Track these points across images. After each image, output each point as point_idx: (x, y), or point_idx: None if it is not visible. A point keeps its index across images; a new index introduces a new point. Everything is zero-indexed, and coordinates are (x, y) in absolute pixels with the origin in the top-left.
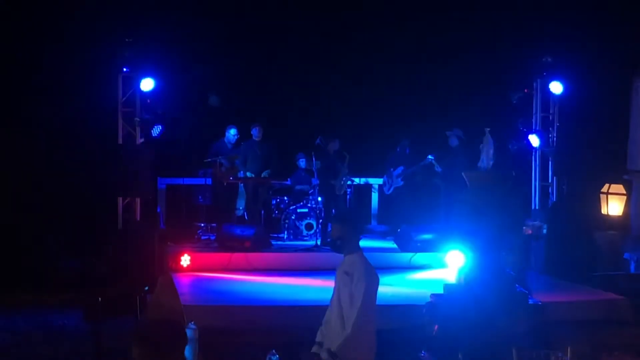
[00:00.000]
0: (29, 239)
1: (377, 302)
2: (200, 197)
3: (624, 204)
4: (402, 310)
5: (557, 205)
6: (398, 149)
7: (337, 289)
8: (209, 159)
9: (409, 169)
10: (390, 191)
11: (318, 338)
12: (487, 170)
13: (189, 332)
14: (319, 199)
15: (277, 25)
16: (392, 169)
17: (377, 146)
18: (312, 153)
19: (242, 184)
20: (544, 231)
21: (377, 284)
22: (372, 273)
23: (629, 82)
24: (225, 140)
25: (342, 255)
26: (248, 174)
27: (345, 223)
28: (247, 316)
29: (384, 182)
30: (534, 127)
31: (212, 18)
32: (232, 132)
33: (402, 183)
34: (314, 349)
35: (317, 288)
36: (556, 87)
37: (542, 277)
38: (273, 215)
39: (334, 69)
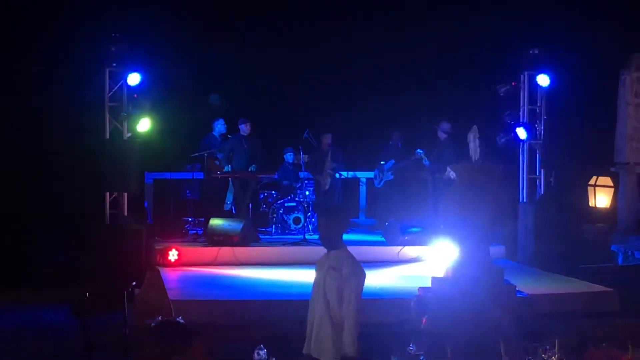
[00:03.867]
0: (15, 235)
1: (366, 296)
2: (187, 192)
3: (611, 197)
4: (390, 303)
5: (545, 198)
6: (391, 142)
7: (320, 283)
8: (197, 153)
9: (400, 162)
10: (380, 185)
11: (305, 350)
12: (474, 164)
13: None
14: (307, 192)
15: (265, 19)
16: (383, 163)
17: (365, 140)
18: (300, 147)
19: (230, 178)
20: None
21: (364, 278)
22: (360, 268)
23: (616, 74)
24: (215, 133)
25: (327, 249)
26: (227, 168)
27: (336, 219)
28: (235, 310)
29: (375, 176)
30: (521, 120)
31: (199, 13)
32: (220, 124)
33: (392, 177)
34: None
35: (304, 282)
36: (543, 80)
37: (530, 269)
38: (261, 209)
39: (322, 62)
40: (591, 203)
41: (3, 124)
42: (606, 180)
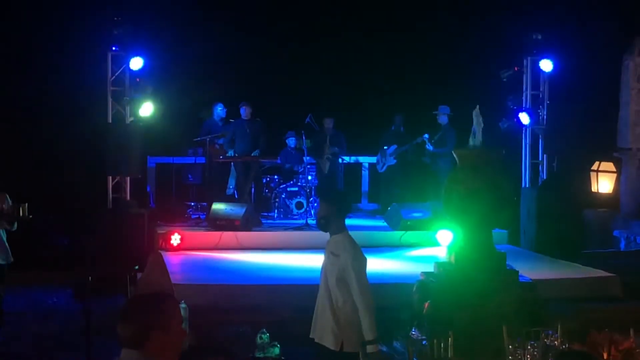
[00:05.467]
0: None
1: (368, 281)
2: (190, 176)
3: (613, 182)
4: (393, 288)
5: (548, 183)
6: (393, 127)
7: (324, 268)
8: (199, 138)
9: (402, 147)
10: (383, 169)
11: (311, 334)
12: (477, 148)
13: None
14: (309, 177)
15: (267, 3)
16: (385, 147)
17: (367, 125)
18: (302, 131)
19: (232, 163)
20: None
21: (365, 263)
22: (358, 254)
23: (619, 59)
24: (215, 117)
25: (329, 234)
26: (230, 152)
27: (330, 203)
28: (238, 295)
29: (377, 161)
30: (524, 105)
31: None
32: (219, 108)
33: (395, 162)
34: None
35: (307, 266)
36: (546, 65)
37: (533, 254)
38: (263, 194)
39: (325, 47)
40: (594, 188)
41: (5, 108)
42: (609, 165)
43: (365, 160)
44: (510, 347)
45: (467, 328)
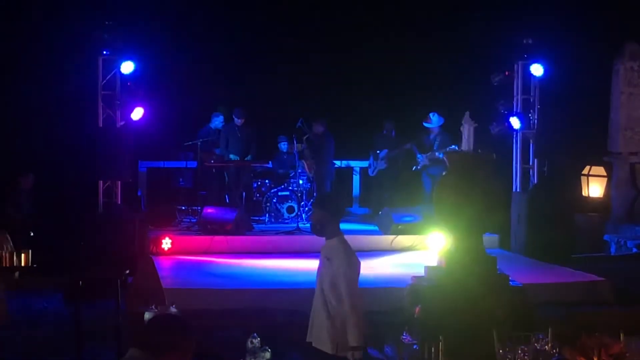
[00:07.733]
0: (8, 223)
1: (360, 285)
2: (181, 180)
3: (604, 186)
4: (384, 292)
5: (538, 187)
6: (384, 132)
7: (319, 272)
8: (191, 142)
9: (392, 151)
10: (374, 173)
11: (308, 338)
12: (468, 152)
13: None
14: (300, 181)
15: (259, 7)
16: (378, 151)
17: (358, 129)
18: (294, 136)
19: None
20: None
21: (358, 268)
22: (352, 258)
23: (610, 64)
24: (212, 126)
25: (324, 238)
26: (232, 157)
27: (323, 208)
28: (228, 299)
29: (369, 165)
30: (514, 110)
31: (193, 1)
32: (219, 120)
33: (385, 166)
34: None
35: (298, 271)
36: (537, 70)
37: (523, 258)
38: (254, 198)
39: (317, 51)
40: (584, 193)
41: None
42: (599, 169)
43: (357, 164)
44: (500, 351)
45: (457, 332)
